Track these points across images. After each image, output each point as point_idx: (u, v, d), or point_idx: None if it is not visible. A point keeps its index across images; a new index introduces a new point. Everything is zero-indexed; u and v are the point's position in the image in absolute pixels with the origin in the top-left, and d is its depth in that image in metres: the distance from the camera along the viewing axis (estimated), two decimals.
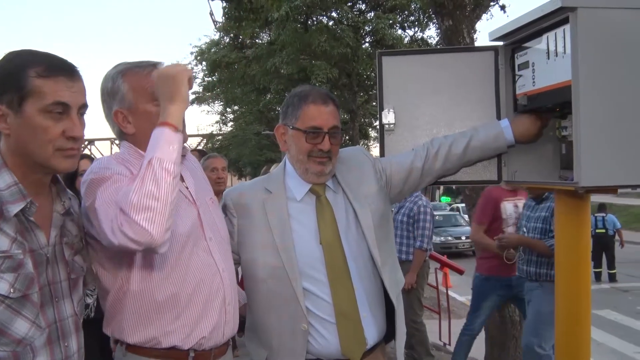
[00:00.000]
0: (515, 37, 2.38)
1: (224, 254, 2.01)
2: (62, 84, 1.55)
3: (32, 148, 1.53)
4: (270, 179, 2.30)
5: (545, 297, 4.53)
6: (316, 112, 2.16)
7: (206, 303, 1.89)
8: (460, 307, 10.27)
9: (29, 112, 1.51)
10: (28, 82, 1.50)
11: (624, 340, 8.15)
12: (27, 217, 1.53)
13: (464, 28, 5.48)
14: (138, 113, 1.88)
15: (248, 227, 2.20)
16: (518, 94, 2.41)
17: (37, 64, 1.53)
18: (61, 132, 1.54)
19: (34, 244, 1.54)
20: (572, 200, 2.22)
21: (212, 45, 25.52)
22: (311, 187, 2.22)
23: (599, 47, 1.97)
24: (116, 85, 1.88)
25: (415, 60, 2.59)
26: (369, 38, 21.20)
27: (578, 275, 2.24)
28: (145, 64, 1.92)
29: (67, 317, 1.61)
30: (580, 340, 2.23)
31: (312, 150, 2.16)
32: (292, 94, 2.26)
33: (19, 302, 1.46)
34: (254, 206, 2.21)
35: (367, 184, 2.29)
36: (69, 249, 1.67)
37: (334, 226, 2.19)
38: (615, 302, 10.51)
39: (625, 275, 13.73)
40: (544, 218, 4.58)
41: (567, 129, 2.30)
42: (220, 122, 39.24)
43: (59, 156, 1.56)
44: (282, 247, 2.13)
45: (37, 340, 1.50)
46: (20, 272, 1.47)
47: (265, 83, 21.72)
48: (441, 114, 2.53)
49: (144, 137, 1.85)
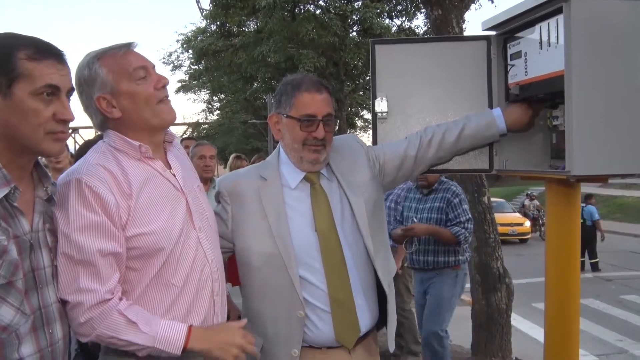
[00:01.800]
0: (508, 27, 2.39)
1: (212, 244, 1.98)
2: (53, 67, 1.53)
3: (23, 132, 1.50)
4: (265, 167, 2.28)
5: (444, 283, 4.81)
6: (310, 100, 2.15)
7: (196, 295, 1.86)
8: None
9: (19, 95, 1.48)
10: (18, 65, 1.48)
11: (607, 328, 8.29)
12: (10, 203, 1.50)
13: (453, 18, 5.49)
14: (121, 95, 1.80)
15: (243, 215, 2.18)
16: (510, 83, 2.43)
17: (25, 47, 1.50)
18: (52, 115, 1.52)
19: (18, 230, 1.51)
20: (563, 189, 2.24)
21: (199, 33, 25.37)
22: (306, 174, 2.22)
23: (592, 37, 1.99)
24: (93, 71, 1.79)
25: (409, 48, 2.59)
26: (356, 27, 21.18)
27: (568, 263, 2.27)
28: (120, 46, 1.85)
29: (51, 304, 1.60)
30: (570, 327, 2.26)
31: (306, 139, 2.16)
32: (284, 82, 2.25)
33: (4, 288, 1.45)
34: (248, 194, 2.20)
35: (361, 172, 2.29)
36: (52, 235, 1.65)
37: (329, 214, 2.19)
38: (598, 291, 10.67)
39: (608, 264, 13.92)
40: (438, 208, 4.79)
41: (558, 119, 2.31)
42: (207, 111, 39.12)
43: (49, 139, 1.54)
44: (277, 234, 2.13)
45: (22, 327, 1.48)
46: (5, 258, 1.44)
47: (252, 71, 21.62)
48: (434, 102, 2.54)
49: (130, 119, 1.82)
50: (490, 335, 5.55)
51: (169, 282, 1.81)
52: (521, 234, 19.68)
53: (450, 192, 4.84)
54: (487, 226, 5.55)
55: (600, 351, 7.31)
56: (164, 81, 1.86)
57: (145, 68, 1.83)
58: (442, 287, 4.80)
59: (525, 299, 8.68)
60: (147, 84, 1.82)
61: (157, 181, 1.85)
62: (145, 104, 1.82)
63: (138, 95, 1.80)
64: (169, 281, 1.81)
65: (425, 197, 4.93)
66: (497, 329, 5.53)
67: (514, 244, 18.82)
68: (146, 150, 1.84)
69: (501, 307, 5.52)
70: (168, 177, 1.89)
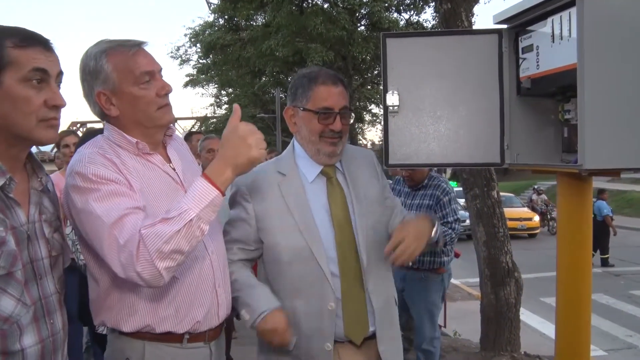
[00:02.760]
0: (520, 20, 2.38)
1: (212, 236, 1.95)
2: (40, 53, 1.51)
3: (14, 120, 1.49)
4: (281, 162, 2.27)
5: (432, 289, 4.70)
6: (327, 93, 2.14)
7: (197, 287, 1.87)
8: (455, 290, 10.37)
9: (8, 83, 1.47)
10: (5, 53, 1.46)
11: (616, 323, 8.26)
12: (6, 194, 1.50)
13: (462, 11, 5.46)
14: (122, 95, 1.79)
15: (266, 212, 2.16)
16: (522, 77, 2.42)
17: (11, 35, 1.49)
18: (43, 101, 1.51)
19: (15, 221, 1.51)
20: (575, 183, 2.24)
21: (207, 27, 25.29)
22: (322, 168, 2.21)
23: (604, 30, 1.98)
24: (99, 65, 1.78)
25: (420, 42, 2.59)
26: (364, 21, 21.12)
27: (580, 258, 2.26)
28: (131, 43, 1.82)
29: (50, 295, 1.60)
30: (581, 322, 2.26)
31: (323, 131, 2.15)
32: (299, 75, 2.24)
33: (4, 279, 1.45)
34: (269, 190, 2.18)
35: (373, 187, 2.30)
36: (48, 226, 1.65)
37: (344, 207, 2.19)
38: (607, 285, 10.62)
39: (617, 259, 13.84)
40: (427, 206, 4.62)
41: (570, 112, 2.31)
42: (215, 105, 39.07)
43: (42, 127, 1.53)
44: (304, 228, 2.12)
45: (23, 318, 1.49)
46: (3, 249, 1.44)
47: (260, 65, 21.59)
48: (445, 96, 2.54)
49: (127, 121, 1.82)
50: (499, 329, 5.54)
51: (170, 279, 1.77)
52: (530, 229, 19.58)
53: (440, 190, 4.68)
54: (496, 220, 5.54)
55: (609, 346, 7.29)
56: (168, 89, 1.85)
57: (151, 73, 1.82)
58: (431, 294, 4.68)
59: (534, 293, 8.66)
60: (150, 90, 1.81)
61: (155, 177, 1.86)
62: (144, 109, 1.81)
63: (139, 99, 1.80)
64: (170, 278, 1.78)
65: (414, 193, 4.78)
66: (506, 324, 5.52)
67: (522, 238, 18.75)
68: (143, 147, 1.84)
69: (510, 301, 5.51)
70: (167, 171, 1.90)
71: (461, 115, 2.54)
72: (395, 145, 2.60)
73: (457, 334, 6.98)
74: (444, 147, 2.57)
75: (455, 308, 8.61)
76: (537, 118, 2.52)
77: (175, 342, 1.84)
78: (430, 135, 2.58)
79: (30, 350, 1.50)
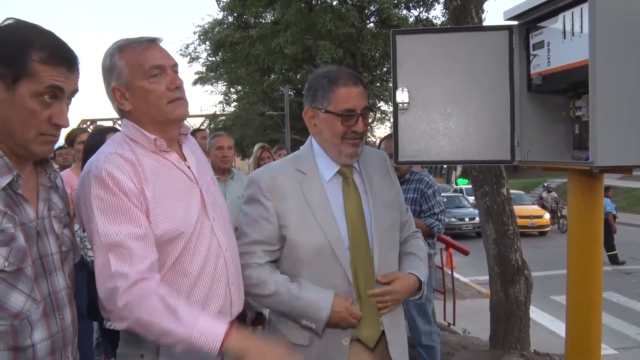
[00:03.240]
0: (531, 17, 2.37)
1: (226, 233, 1.98)
2: (61, 75, 1.52)
3: (14, 127, 1.50)
4: (300, 160, 2.24)
5: None
6: (348, 94, 2.11)
7: (212, 285, 1.88)
8: (464, 288, 10.36)
9: (22, 92, 1.48)
10: (28, 64, 1.47)
11: (627, 321, 8.22)
12: (14, 191, 1.51)
13: (472, 8, 5.42)
14: (134, 90, 1.84)
15: (287, 210, 2.13)
16: (532, 73, 2.41)
17: (41, 47, 1.49)
18: (47, 118, 1.52)
19: (24, 218, 1.52)
20: (586, 180, 2.23)
21: (216, 25, 25.32)
22: (340, 168, 2.20)
23: (616, 26, 1.96)
24: (113, 62, 1.84)
25: (430, 39, 2.58)
26: (373, 18, 21.07)
27: (591, 255, 2.25)
28: (143, 40, 1.87)
29: (60, 290, 1.61)
30: (592, 320, 2.25)
31: (346, 133, 2.13)
32: (318, 75, 2.20)
33: (14, 275, 1.46)
34: (289, 188, 2.15)
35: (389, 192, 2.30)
36: (58, 222, 1.66)
37: (359, 208, 2.18)
38: (617, 284, 10.56)
39: (628, 257, 13.76)
40: (412, 200, 4.67)
41: (581, 109, 2.30)
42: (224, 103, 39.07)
43: (39, 141, 1.54)
44: (326, 227, 2.11)
45: (33, 314, 1.50)
46: (13, 245, 1.45)
47: (269, 63, 21.59)
48: (455, 93, 2.53)
49: (140, 115, 1.85)
50: (508, 327, 5.51)
51: (186, 270, 1.83)
52: (541, 227, 19.51)
53: (423, 183, 4.74)
54: (505, 218, 5.50)
55: (620, 345, 7.25)
56: (178, 82, 1.87)
57: (162, 67, 1.84)
58: None
59: (544, 291, 8.63)
60: (160, 84, 1.84)
61: (171, 172, 1.87)
62: (154, 103, 1.84)
63: (150, 93, 1.82)
64: (186, 269, 1.83)
65: None
66: (515, 321, 5.49)
67: (532, 236, 18.68)
68: (161, 143, 1.86)
69: (520, 299, 5.48)
70: (183, 169, 1.91)
71: (471, 112, 2.53)
72: (405, 143, 2.59)
73: (466, 332, 6.96)
74: (454, 144, 2.56)
75: (464, 306, 8.59)
76: (547, 115, 2.51)
77: None
78: (440, 133, 2.57)
79: (41, 346, 1.51)
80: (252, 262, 2.11)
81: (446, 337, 6.27)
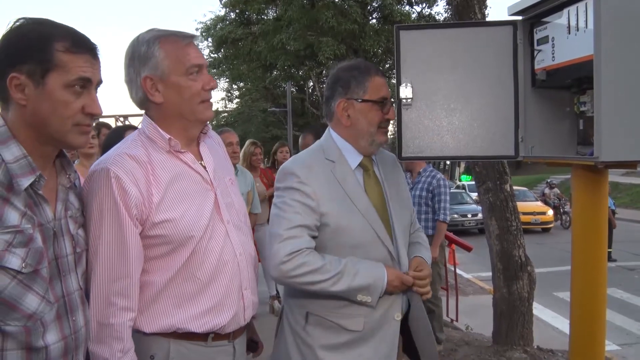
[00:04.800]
0: (535, 12, 2.36)
1: (241, 237, 1.93)
2: (87, 62, 1.53)
3: (50, 122, 1.51)
4: (326, 149, 2.23)
5: None
6: (381, 83, 2.17)
7: (225, 291, 1.85)
8: (467, 284, 10.34)
9: (52, 85, 1.48)
10: (54, 56, 1.48)
11: (630, 318, 8.19)
12: (35, 191, 1.51)
13: (475, 3, 5.40)
14: (169, 83, 1.80)
15: (326, 196, 2.11)
16: (537, 69, 2.40)
17: (62, 38, 1.50)
18: (81, 108, 1.53)
19: (42, 218, 1.51)
20: (590, 176, 2.22)
21: (218, 22, 25.32)
22: (362, 160, 2.21)
23: (621, 21, 1.96)
24: (151, 51, 1.79)
25: (433, 34, 2.57)
26: (376, 14, 21.04)
27: (595, 251, 2.25)
28: (185, 35, 1.84)
29: (73, 292, 1.60)
30: (596, 316, 2.25)
31: (381, 121, 2.18)
32: (345, 68, 2.22)
33: (30, 277, 1.45)
34: (325, 176, 2.15)
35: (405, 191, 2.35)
36: (74, 223, 1.65)
37: (382, 199, 2.21)
38: (620, 280, 10.53)
39: (631, 254, 13.73)
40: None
41: (586, 104, 2.29)
42: (226, 99, 39.07)
43: (76, 132, 1.55)
44: (364, 210, 2.13)
45: (47, 315, 1.49)
46: (31, 246, 1.45)
47: (271, 59, 21.56)
48: (459, 88, 2.53)
49: (169, 109, 1.82)
50: (511, 323, 5.50)
51: (194, 276, 1.80)
52: (544, 223, 19.45)
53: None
54: (509, 214, 5.49)
55: (623, 340, 7.23)
56: (213, 84, 1.87)
57: (200, 67, 1.84)
58: None
59: (547, 288, 8.62)
60: (197, 82, 1.83)
61: (185, 176, 1.84)
62: (188, 100, 1.82)
63: (186, 90, 1.80)
64: (194, 274, 1.80)
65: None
66: (518, 318, 5.48)
67: (535, 232, 18.65)
68: (175, 144, 1.83)
69: (523, 295, 5.47)
70: (198, 170, 1.87)
71: (475, 107, 2.53)
72: (409, 138, 2.58)
73: (469, 328, 6.95)
74: (458, 140, 2.56)
75: (467, 302, 8.58)
76: (552, 110, 2.50)
77: (200, 341, 1.84)
78: (444, 128, 2.57)
79: (54, 347, 1.50)
80: (303, 247, 2.02)
81: (449, 334, 6.26)
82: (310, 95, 29.25)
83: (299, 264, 1.99)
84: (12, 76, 1.46)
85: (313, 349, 2.10)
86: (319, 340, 2.10)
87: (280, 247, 2.00)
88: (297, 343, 2.14)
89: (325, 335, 2.11)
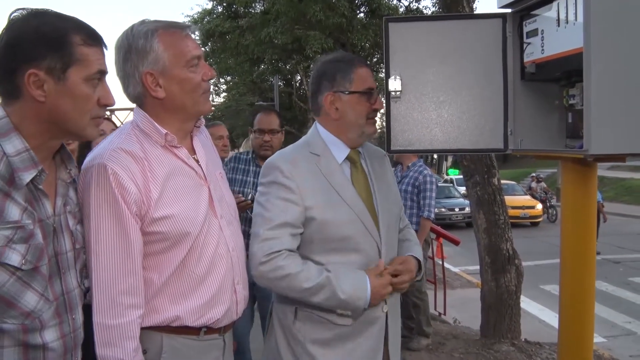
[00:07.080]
0: (524, 4, 2.36)
1: (232, 231, 1.93)
2: (101, 54, 1.52)
3: (71, 116, 1.47)
4: (311, 144, 2.21)
5: None
6: (366, 74, 2.16)
7: (219, 286, 1.84)
8: (455, 278, 10.39)
9: (74, 80, 1.45)
10: (75, 50, 1.44)
11: (615, 310, 8.28)
12: (36, 186, 1.47)
13: None
14: (171, 77, 1.75)
15: (311, 190, 2.09)
16: (526, 61, 2.40)
17: (78, 31, 1.47)
18: (97, 100, 1.51)
19: (42, 214, 1.48)
20: (579, 169, 2.22)
21: (205, 15, 25.13)
22: (349, 153, 2.19)
23: (611, 14, 1.95)
24: (149, 45, 1.73)
25: (422, 27, 2.56)
26: (363, 8, 21.01)
27: (584, 244, 2.25)
28: (183, 25, 1.80)
29: (73, 289, 1.57)
30: (584, 308, 2.26)
31: (369, 112, 2.17)
32: (330, 61, 2.19)
33: (29, 274, 1.42)
34: (309, 169, 2.12)
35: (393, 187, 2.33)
36: (72, 218, 1.62)
37: (368, 192, 2.19)
38: (606, 273, 10.64)
39: (616, 247, 13.89)
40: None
41: (575, 97, 2.29)
42: (213, 93, 38.89)
43: (93, 124, 1.54)
44: (351, 202, 2.11)
45: (45, 313, 1.46)
46: (31, 243, 1.41)
47: (258, 53, 21.47)
48: (448, 81, 2.52)
49: (171, 103, 1.79)
50: (499, 316, 5.54)
51: (193, 272, 1.79)
52: (533, 217, 19.56)
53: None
54: (496, 208, 5.52)
55: (608, 333, 7.31)
56: (212, 74, 1.84)
57: (199, 57, 1.81)
58: None
59: (534, 281, 8.67)
60: (198, 74, 1.80)
61: (180, 171, 1.82)
62: (190, 92, 1.79)
63: (188, 82, 1.77)
64: (192, 271, 1.79)
65: None
66: (506, 311, 5.52)
67: (524, 226, 18.76)
68: (172, 139, 1.80)
69: (510, 288, 5.51)
70: (192, 165, 1.85)
71: (464, 100, 2.52)
72: (398, 131, 2.57)
73: (457, 322, 6.99)
74: (447, 133, 2.55)
75: (455, 296, 8.62)
76: (541, 103, 2.50)
77: (193, 335, 1.83)
78: (433, 121, 2.56)
79: (53, 345, 1.48)
80: (283, 248, 2.00)
81: (437, 327, 6.28)
82: (297, 89, 29.21)
83: (276, 266, 1.97)
84: (31, 72, 1.41)
85: (303, 344, 2.08)
86: (309, 335, 2.09)
87: (259, 248, 1.99)
88: (287, 339, 2.13)
89: (315, 330, 2.09)
